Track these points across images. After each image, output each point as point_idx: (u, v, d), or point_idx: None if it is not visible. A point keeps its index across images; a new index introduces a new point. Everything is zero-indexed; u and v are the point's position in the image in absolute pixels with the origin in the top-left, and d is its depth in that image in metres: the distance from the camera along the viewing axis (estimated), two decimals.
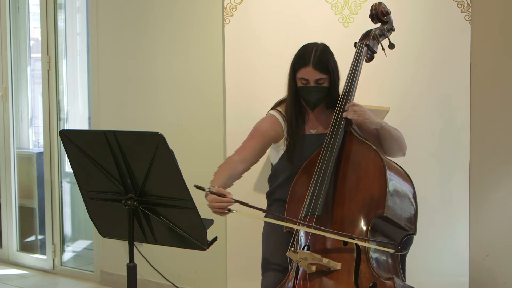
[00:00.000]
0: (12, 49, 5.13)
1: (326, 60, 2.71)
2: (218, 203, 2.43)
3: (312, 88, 2.72)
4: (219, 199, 2.43)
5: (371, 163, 2.56)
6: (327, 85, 2.73)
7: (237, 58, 3.60)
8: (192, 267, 4.06)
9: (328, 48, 2.79)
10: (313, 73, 2.70)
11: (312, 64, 2.70)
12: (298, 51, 2.78)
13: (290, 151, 2.80)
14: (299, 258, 2.43)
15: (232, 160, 2.76)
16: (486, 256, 3.27)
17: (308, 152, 2.75)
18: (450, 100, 3.28)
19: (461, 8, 3.23)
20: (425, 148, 3.29)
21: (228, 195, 2.45)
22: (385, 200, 2.45)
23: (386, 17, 2.86)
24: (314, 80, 2.71)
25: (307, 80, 2.72)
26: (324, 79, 2.71)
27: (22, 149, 5.30)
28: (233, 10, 3.58)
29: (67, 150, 2.41)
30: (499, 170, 3.23)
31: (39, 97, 5.14)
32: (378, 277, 2.34)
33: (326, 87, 2.73)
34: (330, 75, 2.72)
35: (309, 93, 2.73)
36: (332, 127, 2.68)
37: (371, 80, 3.18)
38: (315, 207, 2.51)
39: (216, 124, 3.85)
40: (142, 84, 4.24)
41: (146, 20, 4.19)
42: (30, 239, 5.32)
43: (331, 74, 2.72)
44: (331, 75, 2.72)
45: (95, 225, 2.54)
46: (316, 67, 2.70)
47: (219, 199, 2.43)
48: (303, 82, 2.74)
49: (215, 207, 2.45)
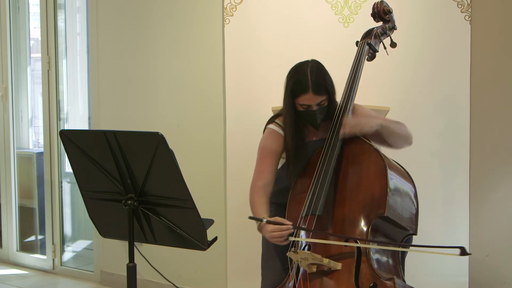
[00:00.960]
0: (12, 49, 5.13)
1: (323, 81, 2.65)
2: (278, 232, 2.48)
3: (316, 111, 2.67)
4: (279, 228, 2.49)
5: (372, 163, 2.56)
6: (327, 103, 2.70)
7: (237, 58, 3.60)
8: (192, 267, 4.06)
9: (320, 64, 2.72)
10: (314, 99, 2.65)
11: (312, 90, 2.63)
12: (293, 76, 2.69)
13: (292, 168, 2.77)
14: (300, 258, 2.43)
15: (258, 186, 2.76)
16: (486, 256, 3.27)
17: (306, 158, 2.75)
18: (450, 100, 3.28)
19: (461, 8, 3.23)
20: (425, 148, 3.29)
21: (286, 222, 2.50)
22: (386, 200, 2.45)
23: (388, 15, 2.85)
24: (316, 103, 2.66)
25: (308, 105, 2.67)
26: (324, 100, 2.67)
27: (22, 149, 5.30)
28: (233, 10, 3.58)
29: (67, 150, 2.41)
30: (499, 170, 3.23)
31: (39, 97, 5.14)
32: (379, 277, 2.34)
33: (326, 106, 2.70)
34: (329, 94, 2.69)
35: (313, 116, 2.69)
36: (332, 128, 2.68)
37: (371, 80, 3.19)
38: (316, 207, 2.51)
39: (216, 124, 3.85)
40: (142, 84, 4.24)
41: (146, 20, 4.19)
42: (30, 239, 5.32)
43: (329, 93, 2.69)
44: (330, 93, 2.69)
45: (95, 225, 2.54)
46: (316, 92, 2.63)
47: (279, 227, 2.49)
48: (305, 107, 2.69)
49: (276, 236, 2.49)
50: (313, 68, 2.67)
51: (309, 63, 2.70)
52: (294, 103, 2.69)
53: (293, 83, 2.67)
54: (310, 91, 2.63)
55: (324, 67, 2.72)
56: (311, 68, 2.66)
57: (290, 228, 2.48)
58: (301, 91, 2.64)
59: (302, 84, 2.64)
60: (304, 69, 2.67)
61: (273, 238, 2.50)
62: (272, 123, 2.85)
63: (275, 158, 2.81)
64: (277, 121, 2.83)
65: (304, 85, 2.63)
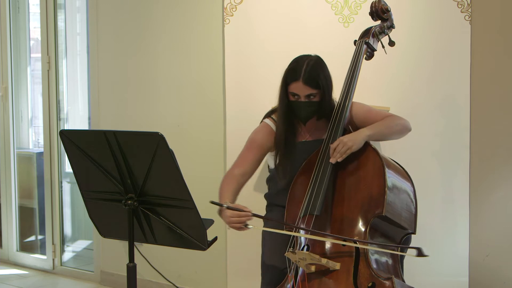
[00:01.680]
0: (12, 49, 5.13)
1: (316, 75, 2.67)
2: (237, 218, 2.47)
3: (302, 103, 2.70)
4: (237, 214, 2.47)
5: (369, 163, 2.57)
6: (318, 99, 2.71)
7: (237, 58, 3.60)
8: (192, 267, 4.06)
9: (321, 61, 2.75)
10: (303, 89, 2.68)
11: (302, 80, 2.66)
12: (290, 64, 2.75)
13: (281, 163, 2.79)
14: (298, 259, 2.43)
15: (233, 174, 2.77)
16: (486, 256, 3.27)
17: (300, 159, 2.75)
18: (450, 100, 3.28)
19: (461, 8, 3.23)
20: (425, 148, 3.30)
21: (245, 209, 2.48)
22: (384, 199, 2.45)
23: (386, 14, 2.86)
24: (305, 95, 2.69)
25: (297, 95, 2.70)
26: (314, 94, 2.69)
27: (22, 149, 5.30)
28: (233, 10, 3.58)
29: (67, 150, 2.41)
30: (499, 170, 3.23)
31: (39, 97, 5.14)
32: (377, 277, 2.34)
33: (316, 102, 2.71)
34: (321, 89, 2.70)
35: (300, 108, 2.71)
36: (330, 127, 2.68)
37: (371, 80, 3.19)
38: (314, 207, 2.51)
39: (216, 124, 3.85)
40: (142, 84, 4.24)
41: (146, 20, 4.19)
42: (30, 239, 5.32)
43: (321, 88, 2.69)
44: (322, 89, 2.70)
45: (95, 225, 2.54)
46: (306, 82, 2.66)
47: (237, 213, 2.47)
48: (295, 97, 2.72)
49: (233, 222, 2.48)
50: (311, 61, 2.71)
51: (311, 56, 2.75)
52: (286, 91, 2.74)
53: (287, 71, 2.73)
54: (301, 79, 2.67)
55: (325, 64, 2.75)
56: (309, 61, 2.71)
57: (249, 215, 2.47)
58: (292, 79, 2.69)
59: (294, 72, 2.69)
60: (302, 60, 2.72)
61: (231, 223, 2.49)
62: (268, 117, 2.89)
63: (260, 152, 2.84)
64: (273, 116, 2.86)
65: (297, 73, 2.68)
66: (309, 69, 2.67)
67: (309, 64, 2.69)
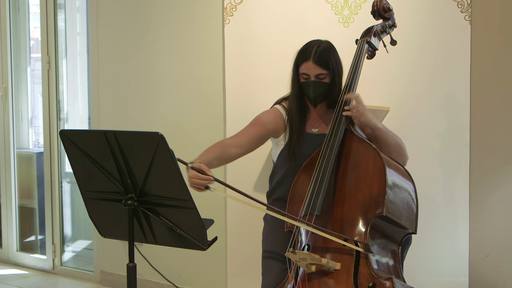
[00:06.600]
0: (12, 49, 5.13)
1: (327, 56, 2.73)
2: (197, 179, 2.43)
3: (313, 82, 2.73)
4: (198, 176, 2.43)
5: (370, 162, 2.56)
6: (328, 81, 2.74)
7: (237, 58, 3.60)
8: (192, 267, 4.06)
9: (331, 45, 2.80)
10: (313, 68, 2.72)
11: (312, 59, 2.72)
12: (302, 47, 2.81)
13: (290, 147, 2.81)
14: (298, 258, 2.43)
15: (225, 142, 2.80)
16: (486, 256, 3.27)
17: (308, 150, 2.75)
18: (450, 100, 3.28)
19: (461, 8, 3.23)
20: (425, 148, 3.29)
21: (208, 173, 2.44)
22: (385, 199, 2.45)
23: (388, 13, 2.86)
24: (315, 75, 2.73)
25: (308, 75, 2.74)
26: (324, 74, 2.73)
27: (22, 149, 5.30)
28: (233, 10, 3.58)
29: (67, 150, 2.40)
30: (499, 170, 3.23)
31: (39, 97, 5.14)
32: (378, 278, 2.34)
33: (327, 83, 2.74)
34: (331, 71, 2.73)
35: (309, 87, 2.75)
36: (332, 125, 2.68)
37: (371, 80, 3.18)
38: (314, 206, 2.51)
39: (216, 124, 3.85)
40: (142, 84, 4.24)
41: (146, 20, 4.19)
42: (30, 239, 5.32)
43: (331, 70, 2.73)
44: (332, 71, 2.73)
45: (95, 225, 2.54)
46: (317, 62, 2.72)
47: (198, 175, 2.43)
48: (304, 77, 2.76)
49: (193, 183, 2.44)
50: (322, 44, 2.79)
51: (322, 40, 2.82)
52: (298, 73, 2.79)
53: (298, 53, 2.79)
54: (311, 59, 2.73)
55: (335, 50, 2.80)
56: (319, 43, 2.78)
57: (211, 178, 2.43)
58: (303, 59, 2.75)
59: (305, 52, 2.76)
60: (314, 42, 2.80)
61: (191, 184, 2.45)
62: (279, 104, 2.92)
63: (262, 130, 2.84)
64: (284, 103, 2.88)
65: (307, 53, 2.75)
66: (320, 50, 2.74)
67: (320, 45, 2.76)
